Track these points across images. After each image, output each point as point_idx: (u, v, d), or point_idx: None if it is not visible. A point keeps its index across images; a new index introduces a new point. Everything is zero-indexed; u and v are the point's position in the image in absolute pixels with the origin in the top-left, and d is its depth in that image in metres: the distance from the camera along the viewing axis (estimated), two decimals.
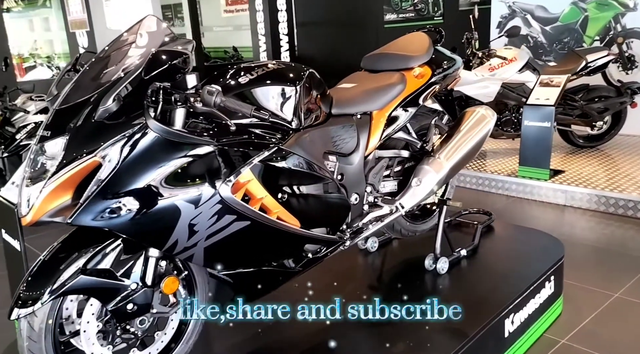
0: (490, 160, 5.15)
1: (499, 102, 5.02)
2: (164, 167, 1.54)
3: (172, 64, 1.57)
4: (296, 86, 1.91)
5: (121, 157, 1.49)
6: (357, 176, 2.23)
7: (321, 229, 2.05)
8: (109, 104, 1.50)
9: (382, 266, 2.74)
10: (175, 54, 1.58)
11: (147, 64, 1.54)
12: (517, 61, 4.83)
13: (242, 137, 1.74)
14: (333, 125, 2.13)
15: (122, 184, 1.50)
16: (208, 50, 10.82)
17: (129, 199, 1.50)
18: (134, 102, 1.55)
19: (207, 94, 1.60)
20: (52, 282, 1.55)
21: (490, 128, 2.57)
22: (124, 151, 1.49)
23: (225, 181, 1.64)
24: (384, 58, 2.48)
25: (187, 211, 1.58)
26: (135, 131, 1.51)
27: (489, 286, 2.47)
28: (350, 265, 2.74)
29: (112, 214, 1.49)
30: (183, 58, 1.59)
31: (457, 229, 3.08)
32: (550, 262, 2.62)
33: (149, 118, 1.52)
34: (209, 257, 1.72)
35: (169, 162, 1.54)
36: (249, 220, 1.73)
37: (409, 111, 2.42)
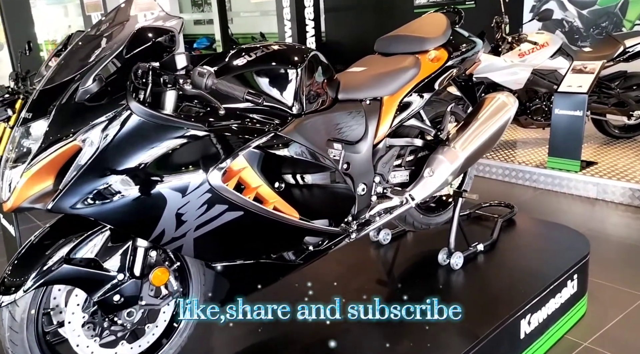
0: (518, 150, 4.94)
1: (529, 90, 4.81)
2: (147, 153, 1.45)
3: (156, 42, 1.48)
4: (297, 69, 1.80)
5: (102, 141, 1.41)
6: (364, 165, 2.11)
7: (323, 221, 1.95)
8: (89, 85, 1.42)
9: (394, 259, 2.62)
10: (161, 31, 1.49)
11: (130, 42, 1.45)
12: (549, 46, 4.60)
13: (235, 122, 1.64)
14: (339, 111, 2.01)
15: (103, 169, 1.42)
16: (236, 36, 10.78)
17: (110, 186, 1.43)
18: (118, 82, 1.47)
19: (198, 75, 1.51)
20: (36, 269, 1.49)
21: (511, 116, 2.41)
22: (105, 134, 1.41)
23: (215, 169, 1.55)
24: (397, 40, 2.35)
25: (173, 199, 1.50)
26: (117, 114, 1.42)
27: (506, 284, 2.32)
28: (361, 258, 2.63)
29: (93, 201, 1.42)
30: (170, 36, 1.49)
31: (476, 222, 2.93)
32: (574, 259, 2.46)
33: (131, 100, 1.43)
34: (200, 249, 1.64)
35: (152, 147, 1.46)
36: (241, 210, 1.63)
37: (423, 97, 2.28)
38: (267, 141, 1.69)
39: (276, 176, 1.73)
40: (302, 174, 1.82)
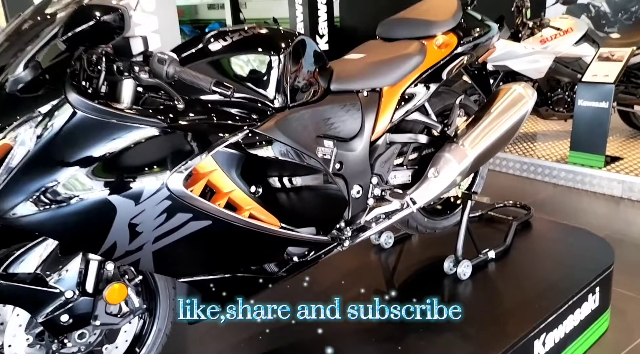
0: (537, 143, 4.65)
1: (551, 79, 4.51)
2: (91, 154, 1.24)
3: (102, 23, 1.25)
4: (279, 56, 1.57)
5: (35, 140, 1.20)
6: (360, 164, 1.88)
7: (309, 229, 1.72)
8: (19, 73, 1.21)
9: (395, 267, 2.38)
10: (105, 9, 1.25)
11: (68, 21, 1.23)
12: (574, 32, 4.29)
13: (204, 117, 1.42)
14: (330, 104, 1.77)
15: (38, 173, 1.20)
16: (249, 21, 10.54)
17: (47, 193, 1.21)
18: (60, 70, 1.25)
19: (157, 62, 1.30)
20: None
21: (529, 110, 2.15)
22: (39, 132, 1.20)
23: (176, 172, 1.33)
24: (401, 24, 2.10)
25: (124, 208, 1.28)
26: (54, 107, 1.21)
27: (518, 298, 2.08)
28: (361, 261, 2.42)
29: (26, 210, 1.21)
30: (118, 15, 1.26)
31: (489, 225, 2.69)
32: (596, 271, 2.20)
33: (69, 91, 1.21)
34: (162, 263, 1.42)
35: (97, 147, 1.24)
36: (209, 219, 1.41)
37: (429, 88, 2.03)
38: (241, 139, 1.46)
39: (252, 179, 1.51)
40: (283, 176, 1.59)
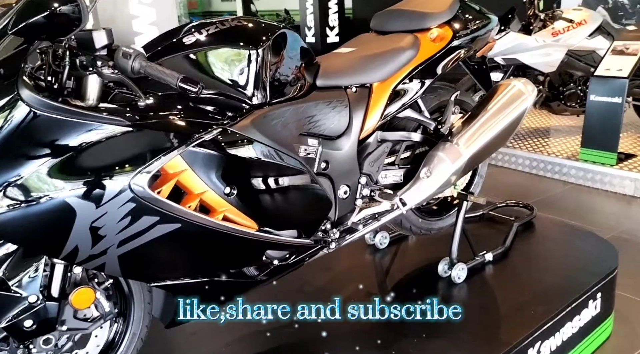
0: (548, 139, 4.52)
1: (563, 73, 4.38)
2: (48, 154, 1.18)
3: (55, 14, 1.18)
4: (257, 50, 1.49)
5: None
6: (347, 163, 1.80)
7: (290, 232, 1.65)
8: None
9: (394, 267, 2.31)
10: (63, 1, 1.19)
11: (20, 13, 1.17)
12: (587, 25, 4.15)
13: (174, 114, 1.35)
14: (315, 100, 1.70)
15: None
16: (261, 13, 10.47)
17: (1, 194, 1.16)
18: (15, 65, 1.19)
19: (122, 57, 1.24)
20: None
21: (528, 106, 2.05)
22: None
23: (140, 173, 1.27)
24: (394, 16, 2.00)
25: (84, 211, 1.22)
26: (6, 105, 1.15)
27: (513, 303, 1.99)
28: (358, 263, 2.36)
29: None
30: (74, 6, 1.19)
31: (489, 225, 2.59)
32: (599, 275, 2.11)
33: (22, 88, 1.15)
34: (129, 268, 1.36)
35: (54, 147, 1.18)
36: (178, 222, 1.35)
37: (422, 83, 1.94)
38: (213, 138, 1.39)
39: (226, 179, 1.44)
40: (260, 177, 1.52)
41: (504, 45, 4.17)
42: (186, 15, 11.07)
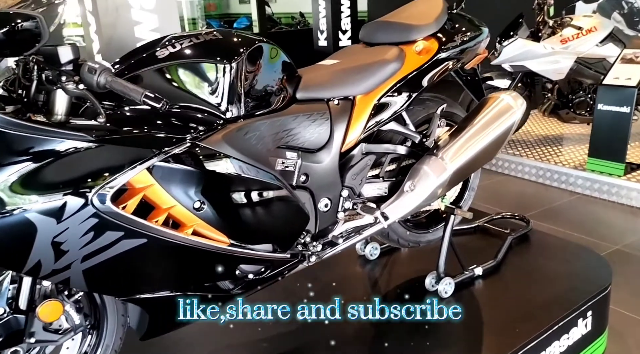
0: (555, 148, 4.44)
1: (573, 80, 4.30)
2: (7, 169, 1.18)
3: (16, 31, 1.18)
4: (230, 64, 1.49)
5: None
6: (328, 176, 1.78)
7: (265, 246, 1.64)
8: None
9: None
10: (20, 16, 1.19)
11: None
12: (597, 32, 4.07)
13: (141, 129, 1.35)
14: (294, 113, 1.68)
15: None
16: (278, 15, 10.49)
17: None
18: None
19: (87, 71, 1.24)
20: None
21: (516, 120, 2.01)
22: None
23: (103, 189, 1.27)
24: (381, 28, 1.98)
25: (45, 226, 1.23)
26: None
27: (498, 321, 1.95)
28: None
29: None
30: (34, 22, 1.20)
31: (483, 238, 2.55)
32: (589, 293, 2.05)
33: None
34: (95, 282, 1.36)
35: (13, 162, 1.19)
36: (143, 237, 1.35)
37: (407, 96, 1.91)
38: (182, 153, 1.39)
39: (195, 194, 1.43)
40: (231, 191, 1.51)
41: (511, 52, 4.12)
42: (203, 17, 11.14)
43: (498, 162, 4.38)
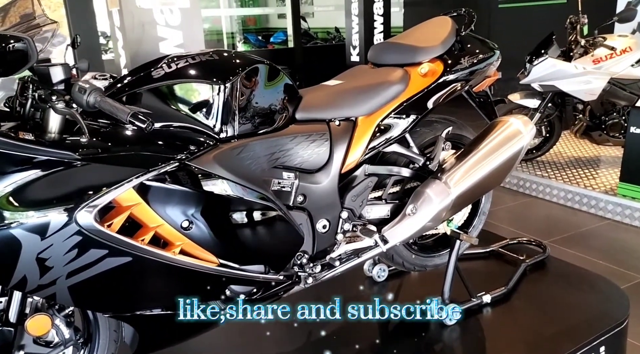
0: (586, 170, 4.29)
1: (606, 101, 4.16)
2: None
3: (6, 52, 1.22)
4: (225, 84, 1.49)
5: None
6: (327, 197, 1.76)
7: (257, 267, 1.63)
8: None
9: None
10: (9, 38, 1.22)
11: None
12: (632, 52, 3.94)
13: (123, 148, 1.37)
14: (292, 134, 1.68)
15: None
16: (315, 30, 10.58)
17: None
18: None
19: (78, 91, 1.27)
20: None
21: (524, 146, 1.95)
22: None
23: (87, 207, 1.28)
24: (387, 49, 1.96)
25: (29, 242, 1.25)
26: None
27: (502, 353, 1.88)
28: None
29: None
30: (23, 44, 1.23)
31: (497, 263, 2.48)
32: (603, 327, 1.96)
33: None
34: (80, 298, 1.38)
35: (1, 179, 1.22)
36: (128, 255, 1.36)
37: (412, 118, 1.88)
38: (169, 172, 1.40)
39: (183, 213, 1.44)
40: (220, 211, 1.51)
41: (541, 72, 4.02)
42: (240, 32, 11.33)
43: (525, 183, 4.27)
